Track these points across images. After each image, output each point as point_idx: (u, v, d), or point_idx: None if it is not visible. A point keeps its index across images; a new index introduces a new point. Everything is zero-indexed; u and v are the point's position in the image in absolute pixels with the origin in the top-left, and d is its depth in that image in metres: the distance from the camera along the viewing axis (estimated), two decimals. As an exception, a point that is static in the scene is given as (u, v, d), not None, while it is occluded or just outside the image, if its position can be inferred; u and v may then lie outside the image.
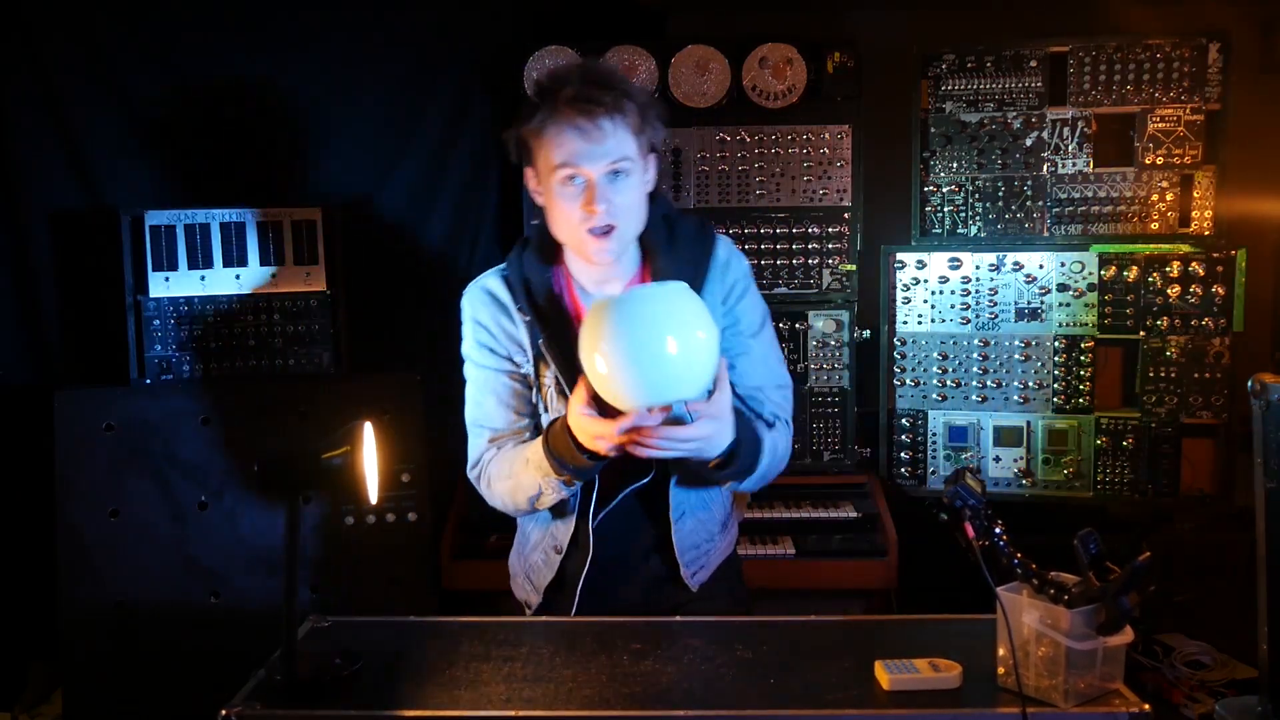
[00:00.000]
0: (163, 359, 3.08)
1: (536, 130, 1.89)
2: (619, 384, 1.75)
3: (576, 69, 1.90)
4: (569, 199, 1.89)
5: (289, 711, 1.65)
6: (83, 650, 2.95)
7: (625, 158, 1.88)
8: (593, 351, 1.76)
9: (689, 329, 1.75)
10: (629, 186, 1.90)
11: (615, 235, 1.91)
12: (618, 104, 1.86)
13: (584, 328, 1.79)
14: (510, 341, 2.09)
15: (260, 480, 1.75)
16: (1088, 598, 1.58)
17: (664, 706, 1.63)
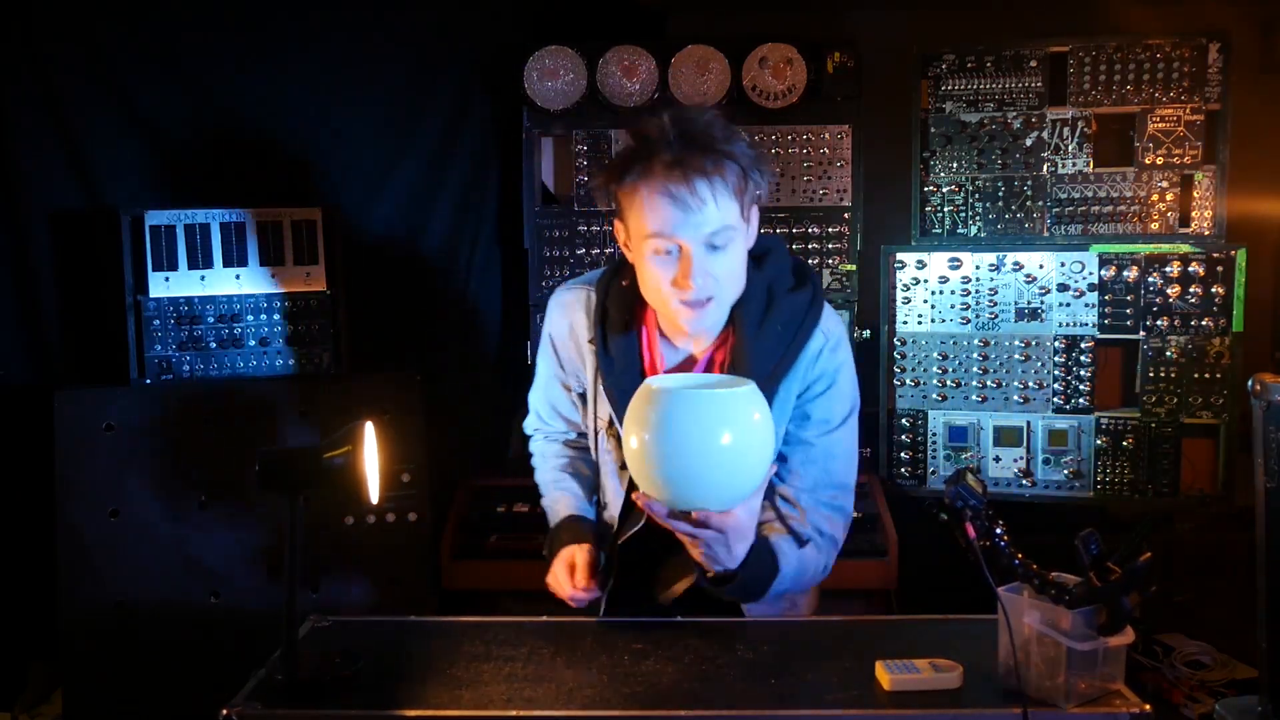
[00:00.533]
0: (163, 359, 3.08)
1: (628, 191, 1.74)
2: (645, 476, 1.68)
3: (672, 123, 1.71)
4: (662, 267, 1.74)
5: (289, 711, 1.66)
6: (83, 650, 2.95)
7: (726, 226, 1.73)
8: (631, 433, 1.67)
9: (738, 452, 1.62)
10: (728, 256, 1.76)
11: (711, 307, 1.77)
12: (718, 167, 1.69)
13: (633, 403, 1.67)
14: (572, 365, 2.07)
15: (260, 479, 1.75)
16: (1088, 598, 1.58)
17: (664, 706, 1.63)
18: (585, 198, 3.34)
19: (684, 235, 1.71)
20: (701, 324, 1.79)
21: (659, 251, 1.73)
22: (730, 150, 1.70)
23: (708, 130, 1.71)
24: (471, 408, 3.56)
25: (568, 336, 2.02)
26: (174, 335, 3.08)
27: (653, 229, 1.71)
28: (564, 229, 3.35)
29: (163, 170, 3.27)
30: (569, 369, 2.08)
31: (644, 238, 1.74)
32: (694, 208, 1.68)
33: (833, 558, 1.94)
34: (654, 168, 1.69)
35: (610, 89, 3.28)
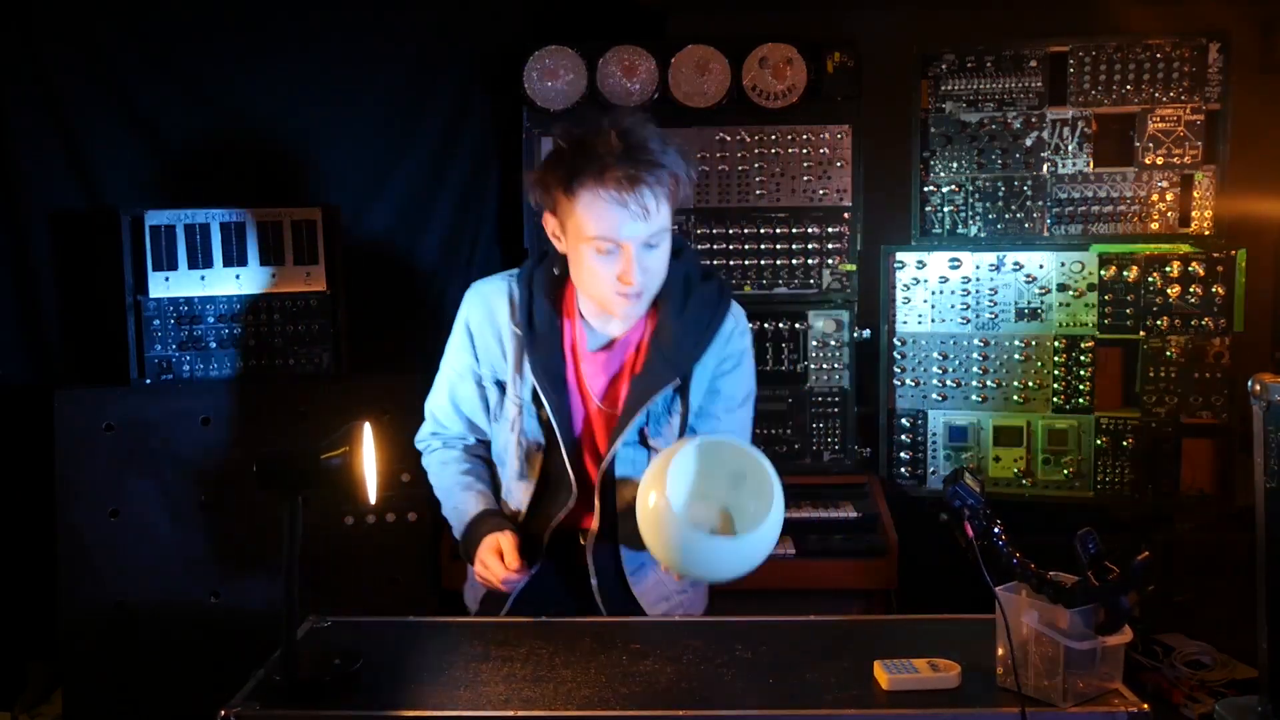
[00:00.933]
0: (163, 359, 3.08)
1: (571, 194, 1.88)
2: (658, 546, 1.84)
3: (617, 136, 1.85)
4: (603, 265, 1.90)
5: (289, 711, 1.66)
6: (83, 650, 2.95)
7: (662, 229, 1.90)
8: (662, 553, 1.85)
9: (755, 552, 1.87)
10: (662, 252, 1.94)
11: (645, 297, 1.96)
12: (659, 177, 1.86)
13: (668, 479, 1.80)
14: (487, 356, 2.12)
15: (259, 480, 1.75)
16: (1086, 597, 1.58)
17: (664, 706, 1.63)
18: (585, 198, 3.34)
19: (626, 238, 1.87)
20: (634, 311, 1.97)
21: (601, 251, 1.88)
22: (667, 161, 1.87)
23: (648, 143, 1.86)
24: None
25: (486, 323, 2.11)
26: (174, 335, 3.08)
27: (599, 233, 1.87)
28: (564, 229, 3.35)
29: (163, 170, 3.28)
30: (484, 358, 2.12)
31: (587, 239, 1.89)
32: (639, 215, 1.85)
33: None
34: (605, 180, 1.83)
35: (610, 89, 3.28)
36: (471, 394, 2.17)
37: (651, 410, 2.02)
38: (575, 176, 1.86)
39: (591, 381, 2.07)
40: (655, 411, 2.03)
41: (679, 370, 2.01)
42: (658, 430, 2.04)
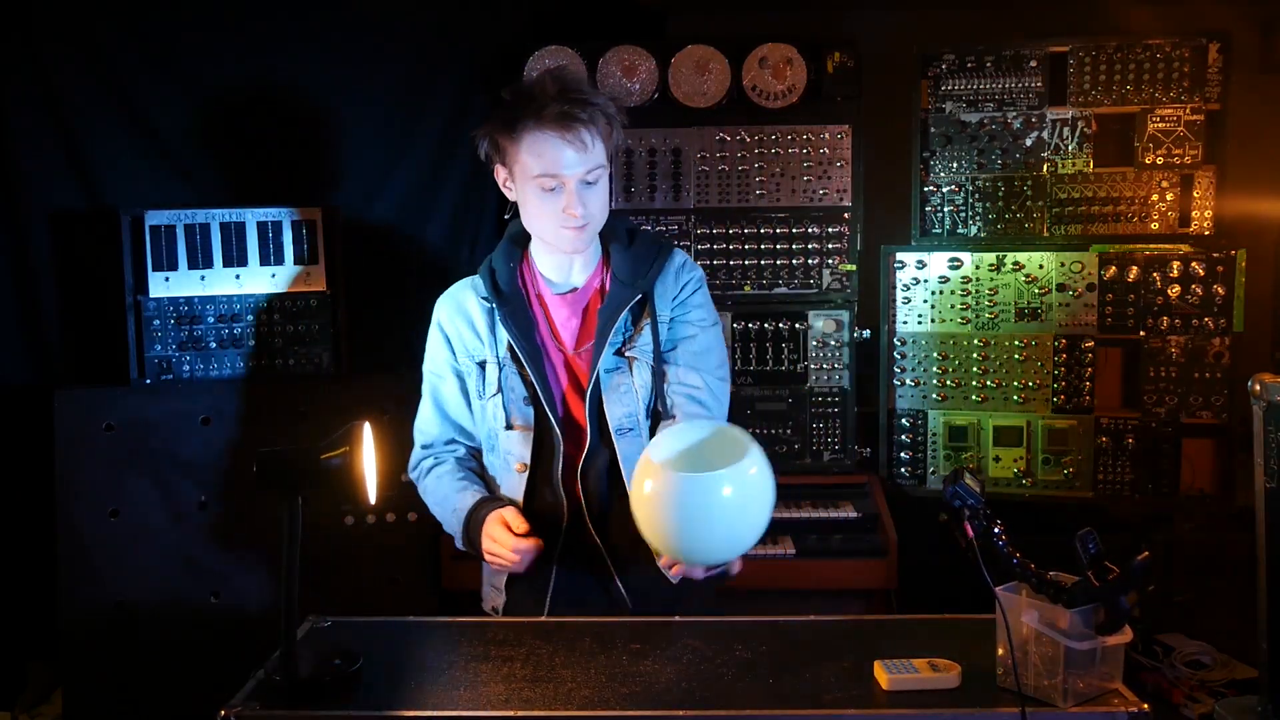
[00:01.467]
0: (163, 359, 3.08)
1: (514, 137, 2.02)
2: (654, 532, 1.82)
3: (552, 79, 2.02)
4: (548, 201, 2.04)
5: (289, 711, 1.66)
6: (83, 650, 2.95)
7: (599, 165, 2.04)
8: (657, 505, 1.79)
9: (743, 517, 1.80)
10: (601, 189, 2.07)
11: (588, 230, 2.08)
12: (593, 118, 2.01)
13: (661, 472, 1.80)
14: (462, 343, 2.20)
15: (259, 479, 1.75)
16: (1086, 597, 1.58)
17: (664, 706, 1.63)
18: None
19: (568, 173, 2.01)
20: (581, 243, 2.10)
21: (545, 188, 2.03)
22: (600, 103, 2.03)
23: (580, 86, 2.04)
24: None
25: (455, 314, 2.21)
26: (174, 335, 3.09)
27: (541, 170, 2.01)
28: (564, 229, 3.35)
29: (163, 170, 3.27)
30: (459, 347, 2.20)
31: (532, 177, 2.03)
32: (578, 150, 2.00)
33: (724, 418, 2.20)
34: (544, 118, 1.99)
35: (610, 89, 3.28)
36: (454, 391, 2.23)
37: (622, 328, 2.14)
38: (517, 120, 2.01)
39: (563, 328, 2.17)
40: (626, 327, 2.15)
41: (638, 289, 2.14)
42: (633, 344, 2.14)
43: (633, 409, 2.12)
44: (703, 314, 2.20)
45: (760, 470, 1.79)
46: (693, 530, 1.78)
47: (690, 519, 1.77)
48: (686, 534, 1.79)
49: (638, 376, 2.13)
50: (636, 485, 1.81)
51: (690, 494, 1.75)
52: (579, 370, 2.16)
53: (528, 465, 2.14)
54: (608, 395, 2.12)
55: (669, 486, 1.76)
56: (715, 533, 1.78)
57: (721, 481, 1.75)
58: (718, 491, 1.75)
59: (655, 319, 2.14)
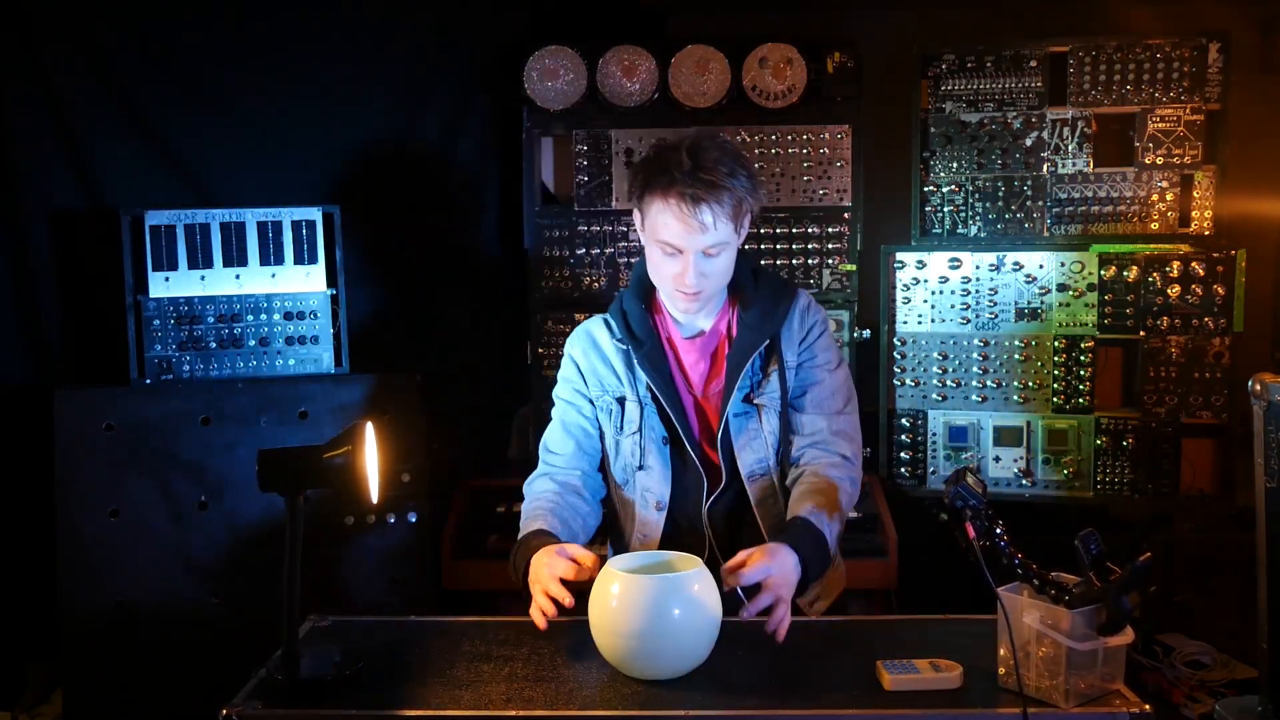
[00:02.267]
0: (163, 359, 3.08)
1: (643, 200, 2.06)
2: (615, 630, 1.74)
3: (689, 154, 2.01)
4: (666, 264, 2.06)
5: (289, 711, 1.66)
6: (83, 650, 2.95)
7: (720, 242, 2.04)
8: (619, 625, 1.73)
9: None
10: (723, 260, 2.08)
11: (702, 297, 2.10)
12: (719, 198, 2.00)
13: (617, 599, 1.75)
14: (596, 377, 2.23)
15: (261, 479, 1.75)
16: (1088, 598, 1.58)
17: (665, 706, 1.63)
18: (585, 198, 3.35)
19: (686, 246, 2.03)
20: (692, 308, 2.13)
21: (666, 251, 2.06)
22: (732, 185, 2.02)
23: (716, 165, 2.01)
24: (471, 408, 3.56)
25: (590, 350, 2.24)
26: (174, 335, 3.08)
27: (662, 238, 2.04)
28: (564, 229, 3.35)
29: (163, 170, 3.27)
30: (594, 381, 2.23)
31: (655, 240, 2.07)
32: (696, 229, 2.00)
33: (858, 472, 2.18)
34: (670, 195, 2.00)
35: (610, 89, 3.28)
36: (580, 419, 2.25)
37: (750, 373, 2.15)
38: (647, 187, 2.05)
39: (693, 370, 2.20)
40: (755, 374, 2.16)
41: (765, 334, 2.15)
42: (761, 391, 2.15)
43: (763, 455, 2.15)
44: (828, 356, 2.21)
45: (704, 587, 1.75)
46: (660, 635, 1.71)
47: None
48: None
49: (766, 423, 2.15)
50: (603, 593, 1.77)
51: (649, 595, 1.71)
52: (709, 412, 2.19)
53: (665, 504, 2.17)
54: (738, 440, 2.15)
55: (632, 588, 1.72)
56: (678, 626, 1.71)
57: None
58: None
59: (783, 365, 2.16)
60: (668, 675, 1.72)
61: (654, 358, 2.16)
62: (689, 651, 1.73)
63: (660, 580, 1.73)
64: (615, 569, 1.77)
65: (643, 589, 1.71)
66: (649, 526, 2.17)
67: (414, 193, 3.49)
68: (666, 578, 1.73)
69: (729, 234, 2.05)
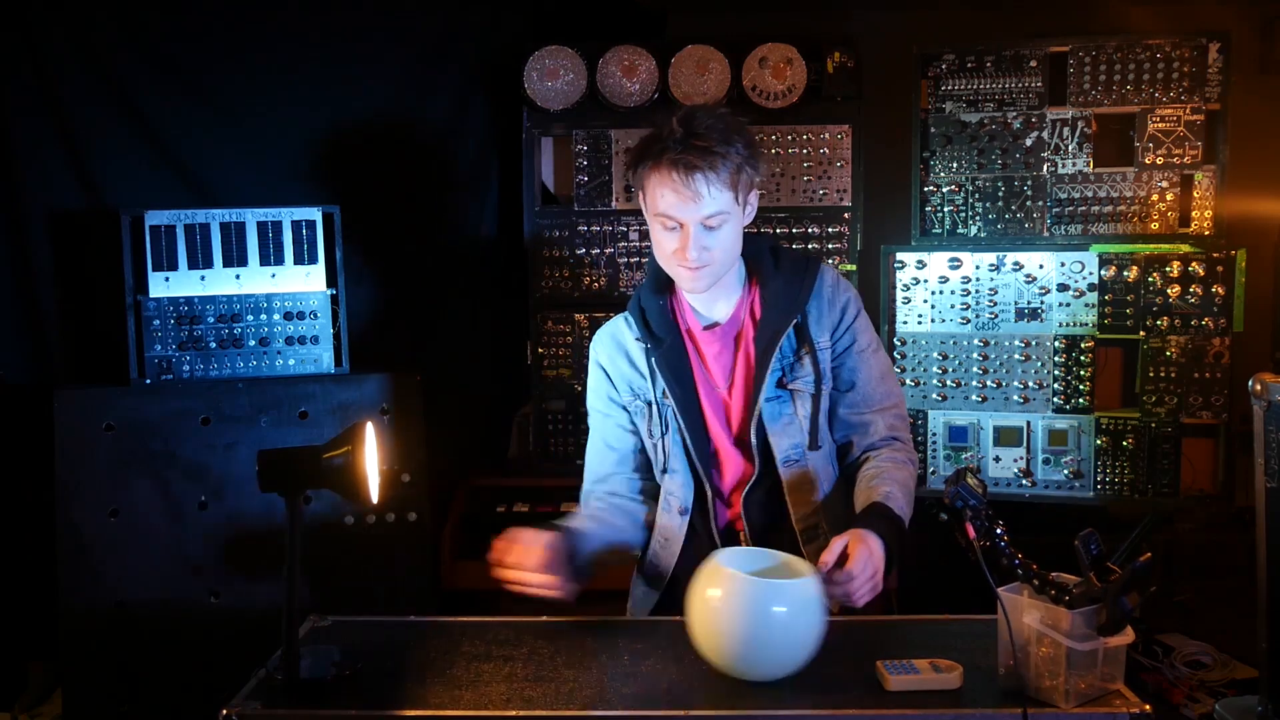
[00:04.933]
0: (163, 359, 3.08)
1: (642, 177, 2.03)
2: (708, 643, 1.72)
3: (680, 121, 1.98)
4: (668, 239, 2.02)
5: (289, 711, 1.65)
6: (83, 650, 2.95)
7: (719, 211, 1.98)
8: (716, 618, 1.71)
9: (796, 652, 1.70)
10: (722, 233, 2.01)
11: (706, 272, 2.02)
12: (713, 164, 1.95)
13: (715, 594, 1.72)
14: (626, 382, 2.18)
15: (261, 479, 1.74)
16: (1088, 598, 1.58)
17: (665, 706, 1.63)
18: (585, 198, 3.35)
19: (684, 217, 1.98)
20: (697, 284, 2.05)
21: (666, 226, 2.01)
22: (725, 150, 1.96)
23: (708, 132, 1.96)
24: (471, 408, 3.56)
25: (615, 352, 2.20)
26: (174, 335, 3.08)
27: (660, 210, 2.00)
28: (564, 229, 3.35)
29: (163, 170, 3.27)
30: (623, 385, 2.18)
31: (654, 214, 2.03)
32: (690, 198, 1.96)
33: (913, 454, 2.16)
34: (663, 163, 1.97)
35: (610, 89, 3.28)
36: (616, 427, 2.20)
37: (781, 357, 2.09)
38: (642, 160, 2.02)
39: (715, 363, 2.13)
40: (785, 356, 2.10)
41: (792, 313, 2.09)
42: (794, 375, 2.10)
43: (798, 440, 2.09)
44: (867, 338, 2.15)
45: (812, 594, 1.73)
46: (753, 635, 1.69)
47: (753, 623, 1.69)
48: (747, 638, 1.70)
49: (800, 408, 2.09)
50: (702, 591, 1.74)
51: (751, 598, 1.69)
52: (738, 404, 2.12)
53: (688, 510, 2.13)
54: (771, 426, 2.08)
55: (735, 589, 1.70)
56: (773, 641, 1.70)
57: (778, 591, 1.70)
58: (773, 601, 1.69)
59: (814, 349, 2.09)
60: (762, 678, 1.70)
61: (672, 357, 2.11)
62: (787, 659, 1.70)
63: (774, 585, 1.69)
64: (728, 567, 1.73)
65: (753, 591, 1.68)
66: (669, 530, 2.15)
67: (414, 193, 3.49)
68: (786, 583, 1.70)
69: (728, 203, 1.98)
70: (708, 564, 1.76)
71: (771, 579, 1.72)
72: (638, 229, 3.33)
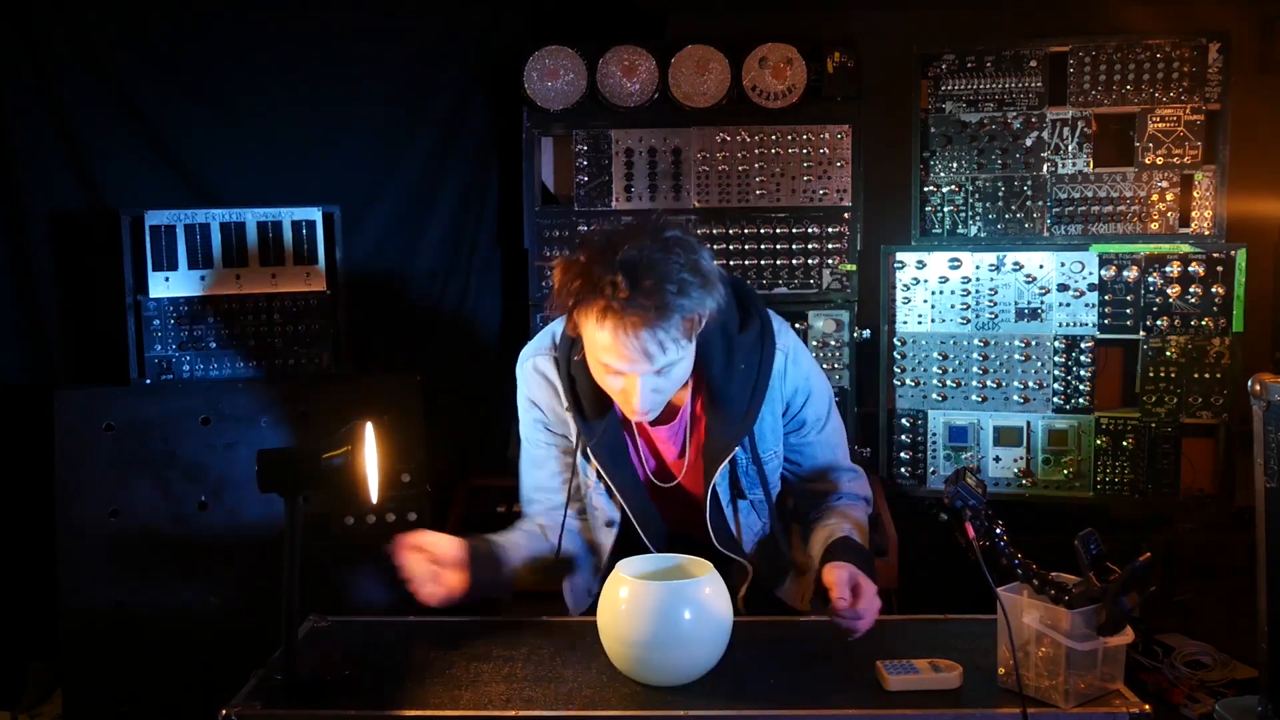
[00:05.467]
0: (163, 359, 3.08)
1: (572, 313, 1.76)
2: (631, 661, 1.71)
3: (625, 276, 1.67)
4: (611, 381, 1.82)
5: (289, 711, 1.66)
6: (83, 650, 2.95)
7: (671, 362, 1.78)
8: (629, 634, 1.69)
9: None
10: (673, 375, 1.82)
11: (654, 412, 1.87)
12: (666, 323, 1.70)
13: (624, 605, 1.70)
14: (555, 414, 2.09)
15: (260, 480, 1.75)
16: (1088, 598, 1.58)
17: (665, 707, 1.63)
18: (585, 198, 3.35)
19: (631, 371, 1.77)
20: (645, 420, 1.90)
21: (609, 371, 1.80)
22: (679, 304, 1.70)
23: (660, 285, 1.68)
24: (471, 408, 3.56)
25: (553, 397, 2.05)
26: (174, 335, 3.08)
27: (602, 360, 1.78)
28: (564, 229, 3.35)
29: (163, 170, 3.27)
30: (553, 416, 2.09)
31: (594, 359, 1.81)
32: (641, 359, 1.74)
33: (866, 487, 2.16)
34: (606, 321, 1.70)
35: (610, 89, 3.28)
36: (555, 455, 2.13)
37: (727, 471, 2.01)
38: (578, 306, 1.74)
39: (665, 445, 2.05)
40: (739, 463, 2.02)
41: (740, 433, 1.95)
42: (742, 488, 2.04)
43: (757, 528, 2.09)
44: (818, 413, 2.06)
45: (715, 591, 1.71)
46: None
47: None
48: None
49: (759, 506, 2.08)
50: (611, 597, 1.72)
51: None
52: (687, 489, 2.07)
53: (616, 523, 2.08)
54: (731, 519, 2.06)
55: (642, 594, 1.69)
56: None
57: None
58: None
59: (760, 456, 2.02)
60: (675, 682, 1.69)
61: (607, 441, 1.96)
62: (698, 659, 1.70)
63: (670, 587, 1.69)
64: (624, 574, 1.74)
65: (653, 595, 1.68)
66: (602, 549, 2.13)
67: (414, 192, 3.49)
68: (677, 584, 1.70)
69: (679, 351, 1.77)
70: (612, 576, 1.74)
71: (674, 581, 1.72)
72: (638, 229, 3.33)
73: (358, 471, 1.77)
